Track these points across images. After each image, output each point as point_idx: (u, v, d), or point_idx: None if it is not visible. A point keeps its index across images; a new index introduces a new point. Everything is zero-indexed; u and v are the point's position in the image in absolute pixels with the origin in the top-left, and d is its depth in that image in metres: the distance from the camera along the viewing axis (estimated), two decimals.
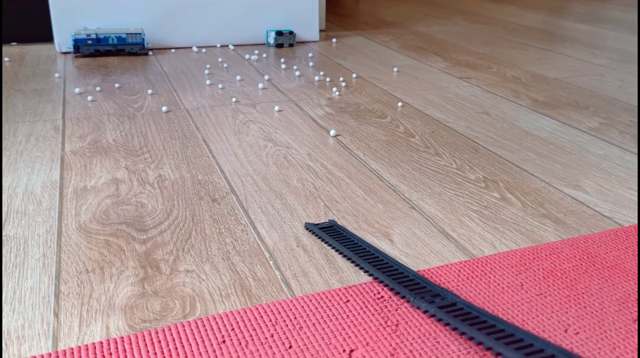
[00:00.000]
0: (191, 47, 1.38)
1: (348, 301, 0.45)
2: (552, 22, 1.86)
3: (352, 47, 1.45)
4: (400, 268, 0.48)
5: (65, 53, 1.28)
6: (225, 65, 1.24)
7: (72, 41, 1.18)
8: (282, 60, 1.28)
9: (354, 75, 1.15)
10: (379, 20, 1.86)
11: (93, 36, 1.08)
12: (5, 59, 1.26)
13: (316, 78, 1.13)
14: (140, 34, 1.21)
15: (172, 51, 1.36)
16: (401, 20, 1.89)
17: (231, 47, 1.41)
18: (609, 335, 0.42)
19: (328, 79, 1.13)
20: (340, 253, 0.52)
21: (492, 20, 1.89)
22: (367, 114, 0.92)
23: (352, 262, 0.50)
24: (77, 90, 1.01)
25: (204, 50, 1.37)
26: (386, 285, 0.47)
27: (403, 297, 0.45)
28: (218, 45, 1.41)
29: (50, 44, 1.43)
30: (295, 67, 1.22)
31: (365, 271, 0.49)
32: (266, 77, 1.09)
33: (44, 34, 1.44)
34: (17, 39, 1.43)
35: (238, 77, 1.12)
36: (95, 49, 1.16)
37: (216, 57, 1.31)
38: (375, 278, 0.48)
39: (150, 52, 1.29)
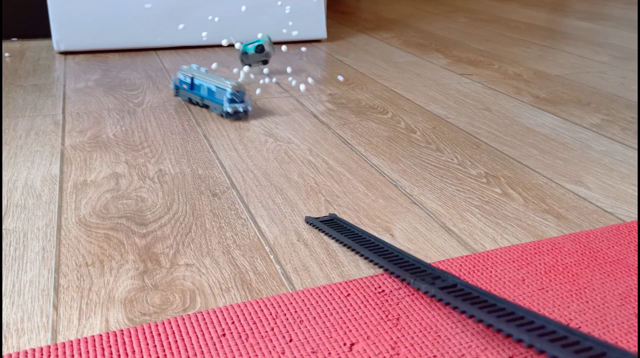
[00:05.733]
0: (195, 45, 1.38)
1: (349, 295, 0.45)
2: (554, 20, 1.85)
3: (353, 44, 1.44)
4: (400, 254, 0.48)
5: (63, 53, 1.28)
6: (231, 66, 1.24)
7: (173, 83, 0.94)
8: (284, 56, 1.27)
9: (310, 80, 1.15)
10: (380, 18, 1.86)
11: (188, 81, 0.84)
12: (6, 54, 1.26)
13: (289, 78, 1.12)
14: (225, 89, 0.84)
15: (176, 49, 1.36)
16: (402, 17, 1.88)
17: (237, 45, 1.40)
18: (611, 330, 0.42)
19: (294, 81, 1.13)
20: (341, 243, 0.52)
21: (493, 18, 1.88)
22: (368, 110, 0.92)
23: (352, 250, 0.50)
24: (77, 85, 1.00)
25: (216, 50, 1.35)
26: (386, 270, 0.46)
27: (403, 280, 0.45)
28: (222, 43, 1.41)
29: (50, 40, 1.42)
30: (296, 64, 1.22)
31: (365, 258, 0.49)
32: (265, 71, 1.09)
33: (45, 30, 1.44)
34: (18, 34, 1.43)
35: (235, 71, 1.12)
36: (189, 98, 0.91)
37: (219, 55, 1.31)
38: (375, 264, 0.48)
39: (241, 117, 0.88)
